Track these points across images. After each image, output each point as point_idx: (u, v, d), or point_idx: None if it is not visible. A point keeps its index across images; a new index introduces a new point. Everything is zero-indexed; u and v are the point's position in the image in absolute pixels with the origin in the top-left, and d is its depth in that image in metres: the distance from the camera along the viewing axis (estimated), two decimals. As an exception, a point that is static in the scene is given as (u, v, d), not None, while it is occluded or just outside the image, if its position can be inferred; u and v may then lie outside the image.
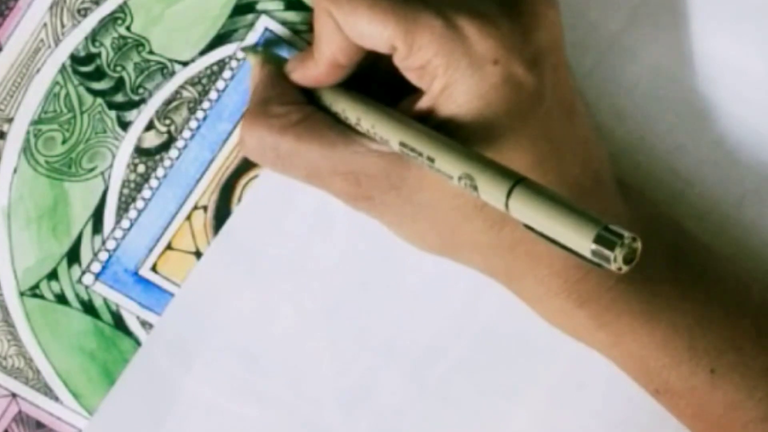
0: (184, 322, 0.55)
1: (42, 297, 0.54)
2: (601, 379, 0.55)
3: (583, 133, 0.49)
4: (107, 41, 0.53)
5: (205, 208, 0.54)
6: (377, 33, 0.47)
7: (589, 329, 0.49)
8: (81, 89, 0.53)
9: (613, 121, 0.53)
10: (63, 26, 0.52)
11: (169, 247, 0.54)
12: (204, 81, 0.53)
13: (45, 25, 0.52)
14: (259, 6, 0.53)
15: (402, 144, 0.46)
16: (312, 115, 0.50)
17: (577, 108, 0.49)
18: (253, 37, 0.53)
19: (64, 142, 0.53)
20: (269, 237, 0.54)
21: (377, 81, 0.50)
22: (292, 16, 0.53)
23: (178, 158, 0.54)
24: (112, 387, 0.55)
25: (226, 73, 0.53)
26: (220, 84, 0.53)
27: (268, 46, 0.53)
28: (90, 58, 0.53)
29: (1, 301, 0.54)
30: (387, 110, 0.48)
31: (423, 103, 0.48)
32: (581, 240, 0.40)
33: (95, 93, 0.53)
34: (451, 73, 0.47)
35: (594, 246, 0.40)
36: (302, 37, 0.53)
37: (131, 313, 0.55)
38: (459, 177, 0.44)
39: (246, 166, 0.54)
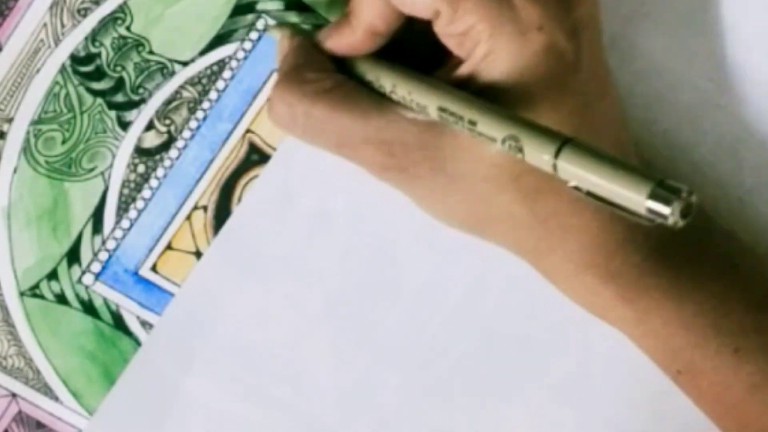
0: (184, 322, 0.55)
1: (42, 297, 0.54)
2: (603, 379, 0.55)
3: (613, 112, 0.49)
4: (107, 41, 0.53)
5: (205, 208, 0.54)
6: None
7: (615, 306, 0.49)
8: (81, 89, 0.53)
9: (613, 121, 0.53)
10: (63, 26, 0.52)
11: (169, 247, 0.54)
12: (204, 81, 0.53)
13: (45, 25, 0.52)
14: (259, 6, 0.53)
15: (441, 109, 0.45)
16: (345, 83, 0.49)
17: (610, 84, 0.49)
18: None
19: (64, 142, 0.53)
20: (269, 237, 0.54)
21: (406, 54, 0.50)
22: (291, 16, 0.53)
23: (178, 158, 0.54)
24: (112, 387, 0.55)
25: (226, 73, 0.53)
26: (220, 84, 0.53)
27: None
28: (90, 58, 0.53)
29: (1, 301, 0.54)
30: (423, 77, 0.47)
31: (463, 70, 0.47)
32: (636, 196, 0.40)
33: (95, 93, 0.53)
34: (495, 40, 0.46)
35: (649, 202, 0.39)
36: (302, 37, 0.53)
37: (131, 313, 0.55)
38: (503, 139, 0.43)
39: (246, 166, 0.54)
